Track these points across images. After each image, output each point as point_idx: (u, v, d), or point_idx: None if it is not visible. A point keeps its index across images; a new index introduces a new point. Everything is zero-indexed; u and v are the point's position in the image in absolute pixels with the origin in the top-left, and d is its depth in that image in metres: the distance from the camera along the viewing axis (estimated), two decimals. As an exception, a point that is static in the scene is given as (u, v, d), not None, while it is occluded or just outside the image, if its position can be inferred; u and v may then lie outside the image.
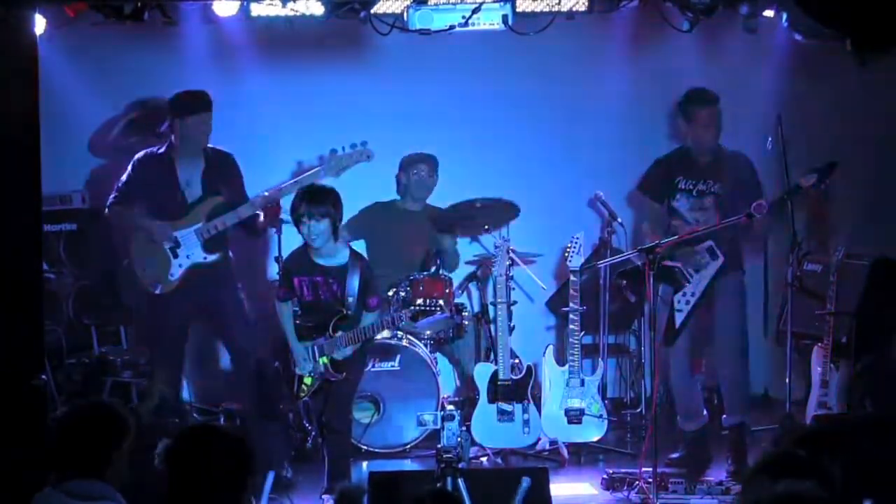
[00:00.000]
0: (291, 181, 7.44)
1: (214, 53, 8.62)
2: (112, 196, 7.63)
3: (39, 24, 6.87)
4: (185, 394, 8.13)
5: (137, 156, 7.66)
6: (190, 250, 7.51)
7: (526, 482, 5.64)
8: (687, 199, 7.47)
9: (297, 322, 6.99)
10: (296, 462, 7.65)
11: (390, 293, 7.88)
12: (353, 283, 6.81)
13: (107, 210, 7.67)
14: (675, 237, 7.31)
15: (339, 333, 6.83)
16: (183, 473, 3.73)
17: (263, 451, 6.39)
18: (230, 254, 7.69)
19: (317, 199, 6.75)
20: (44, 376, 6.15)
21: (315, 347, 6.90)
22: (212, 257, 7.52)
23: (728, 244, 7.39)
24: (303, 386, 6.96)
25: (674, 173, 7.52)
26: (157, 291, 7.53)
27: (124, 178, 7.61)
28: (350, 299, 6.81)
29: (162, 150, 7.60)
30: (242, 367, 7.60)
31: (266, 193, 7.48)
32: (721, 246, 7.35)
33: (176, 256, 7.50)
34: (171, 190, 7.54)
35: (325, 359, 6.87)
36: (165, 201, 7.55)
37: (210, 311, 7.67)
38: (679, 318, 7.36)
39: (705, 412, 7.60)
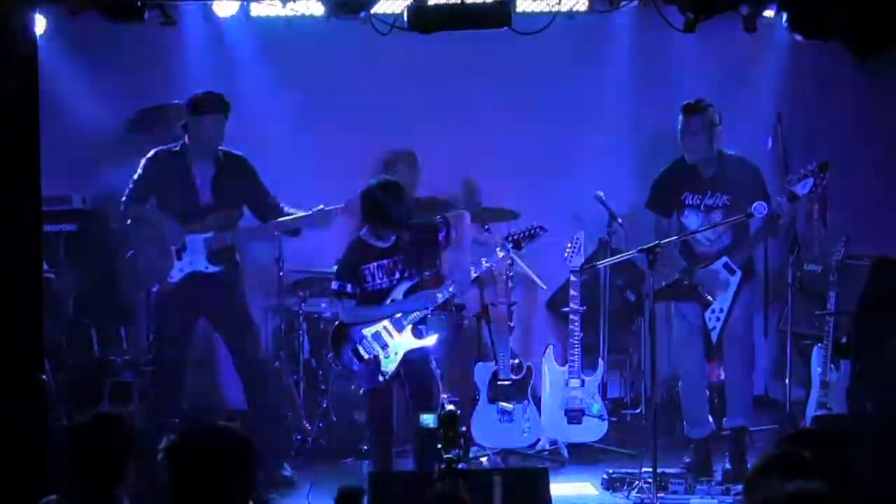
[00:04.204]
0: (310, 213, 7.40)
1: (214, 53, 8.63)
2: (126, 194, 7.49)
3: (39, 24, 6.87)
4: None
5: (149, 154, 7.52)
6: (194, 257, 7.40)
7: (498, 481, 5.61)
8: (696, 216, 7.42)
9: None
10: (296, 462, 7.66)
11: None
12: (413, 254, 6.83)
13: (123, 207, 7.53)
14: (675, 237, 7.32)
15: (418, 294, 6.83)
16: (187, 472, 3.73)
17: (263, 451, 6.40)
18: (238, 261, 7.60)
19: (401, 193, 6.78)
20: (44, 376, 6.15)
21: (387, 326, 6.83)
22: (214, 269, 7.41)
23: (743, 255, 7.37)
24: (384, 368, 6.82)
25: (679, 188, 7.44)
26: (154, 289, 7.48)
27: (136, 175, 7.47)
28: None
29: (176, 148, 7.47)
30: (246, 370, 7.53)
31: (287, 220, 7.45)
32: (735, 259, 7.33)
33: (179, 259, 7.41)
34: (186, 190, 7.42)
35: (406, 331, 6.81)
36: (179, 201, 7.43)
37: (214, 315, 7.59)
38: (714, 335, 7.37)
39: (711, 420, 7.60)
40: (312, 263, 8.44)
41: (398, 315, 6.75)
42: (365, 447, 7.66)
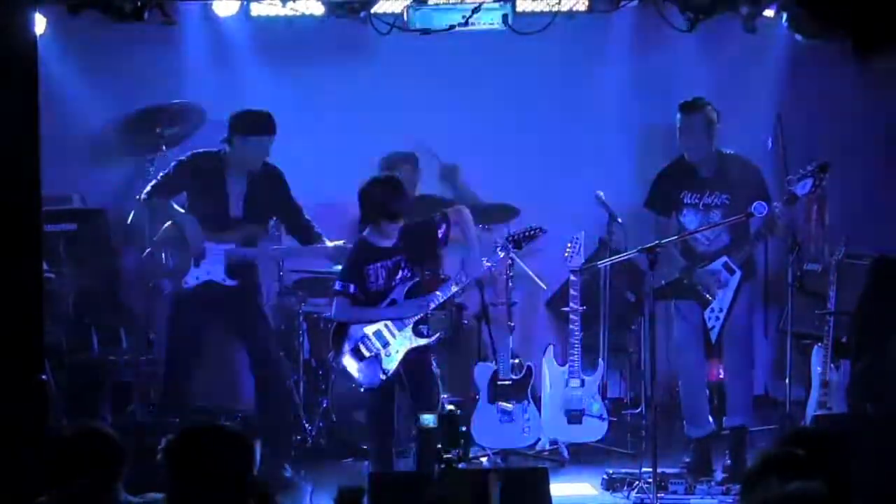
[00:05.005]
0: (332, 246, 7.42)
1: (214, 53, 8.64)
2: (148, 187, 7.45)
3: (39, 24, 6.87)
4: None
5: (184, 156, 7.48)
6: (212, 266, 7.35)
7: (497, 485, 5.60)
8: (695, 215, 7.42)
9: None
10: (296, 462, 7.66)
11: None
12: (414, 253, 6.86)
13: (141, 199, 7.51)
14: (675, 237, 7.32)
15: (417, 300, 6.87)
16: (185, 471, 3.74)
17: (264, 451, 6.40)
18: (257, 276, 7.59)
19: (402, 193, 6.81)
20: (44, 376, 6.15)
21: (389, 324, 6.86)
22: (230, 282, 7.38)
23: (743, 254, 7.37)
24: (385, 366, 6.85)
25: (678, 187, 7.44)
26: (167, 290, 7.44)
27: (168, 171, 7.43)
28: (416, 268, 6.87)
29: (216, 154, 7.42)
30: (259, 369, 7.53)
31: (313, 249, 7.49)
32: (735, 259, 7.32)
33: (197, 266, 7.36)
34: (218, 199, 7.39)
35: (407, 330, 6.84)
36: (209, 207, 7.39)
37: (230, 323, 7.60)
38: (714, 334, 7.36)
39: (711, 419, 7.60)
40: (312, 263, 8.43)
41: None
42: (365, 447, 7.67)
